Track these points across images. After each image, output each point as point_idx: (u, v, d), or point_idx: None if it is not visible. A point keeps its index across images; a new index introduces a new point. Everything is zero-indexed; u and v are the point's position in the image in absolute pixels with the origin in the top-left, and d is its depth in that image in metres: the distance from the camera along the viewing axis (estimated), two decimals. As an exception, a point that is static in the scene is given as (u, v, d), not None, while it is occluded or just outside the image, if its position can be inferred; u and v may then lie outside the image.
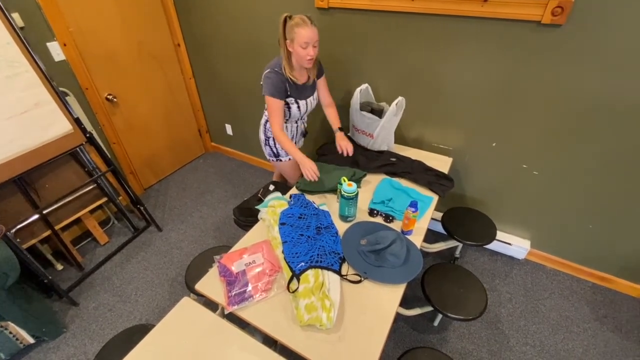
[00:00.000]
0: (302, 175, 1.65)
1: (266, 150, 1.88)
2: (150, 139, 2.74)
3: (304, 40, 1.43)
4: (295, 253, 1.23)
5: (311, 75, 1.68)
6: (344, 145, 1.74)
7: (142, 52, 2.45)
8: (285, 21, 1.45)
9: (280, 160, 1.88)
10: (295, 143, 1.92)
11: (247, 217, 1.73)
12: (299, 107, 1.69)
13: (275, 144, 1.83)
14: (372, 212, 1.52)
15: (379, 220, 1.49)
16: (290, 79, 1.57)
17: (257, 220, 1.52)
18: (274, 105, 1.58)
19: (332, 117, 1.83)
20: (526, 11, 1.41)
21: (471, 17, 1.53)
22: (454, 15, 1.56)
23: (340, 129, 1.81)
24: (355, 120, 1.89)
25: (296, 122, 1.84)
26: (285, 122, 1.76)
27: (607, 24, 1.32)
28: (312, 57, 1.49)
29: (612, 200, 1.70)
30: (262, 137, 1.86)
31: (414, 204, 1.31)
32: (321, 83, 1.76)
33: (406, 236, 1.39)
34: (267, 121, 1.78)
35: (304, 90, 1.67)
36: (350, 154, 1.74)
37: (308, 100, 1.72)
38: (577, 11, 1.34)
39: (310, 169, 1.57)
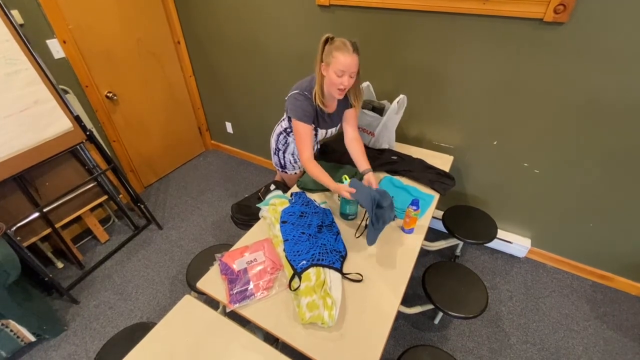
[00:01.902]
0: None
1: (274, 159, 1.81)
2: (150, 137, 2.74)
3: (339, 67, 1.28)
4: (297, 251, 1.23)
5: (355, 103, 1.50)
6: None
7: (142, 50, 2.43)
8: (326, 42, 1.31)
9: (286, 173, 1.82)
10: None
11: (244, 215, 1.72)
12: (316, 134, 1.59)
13: (284, 156, 1.74)
14: (373, 211, 1.52)
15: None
16: (319, 106, 1.43)
17: (253, 220, 1.51)
18: (302, 131, 1.44)
19: (359, 155, 1.54)
20: (528, 9, 1.40)
21: (473, 15, 1.53)
22: (455, 13, 1.56)
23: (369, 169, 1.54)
24: (356, 118, 1.89)
25: None
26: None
27: (610, 22, 1.31)
28: (345, 88, 1.34)
29: (612, 199, 1.70)
30: (273, 145, 1.77)
31: (415, 202, 1.31)
32: (351, 114, 1.56)
33: (406, 233, 1.39)
34: (280, 133, 1.68)
35: (329, 120, 1.55)
36: None
37: (330, 130, 1.61)
38: (579, 9, 1.34)
39: (345, 192, 1.35)
